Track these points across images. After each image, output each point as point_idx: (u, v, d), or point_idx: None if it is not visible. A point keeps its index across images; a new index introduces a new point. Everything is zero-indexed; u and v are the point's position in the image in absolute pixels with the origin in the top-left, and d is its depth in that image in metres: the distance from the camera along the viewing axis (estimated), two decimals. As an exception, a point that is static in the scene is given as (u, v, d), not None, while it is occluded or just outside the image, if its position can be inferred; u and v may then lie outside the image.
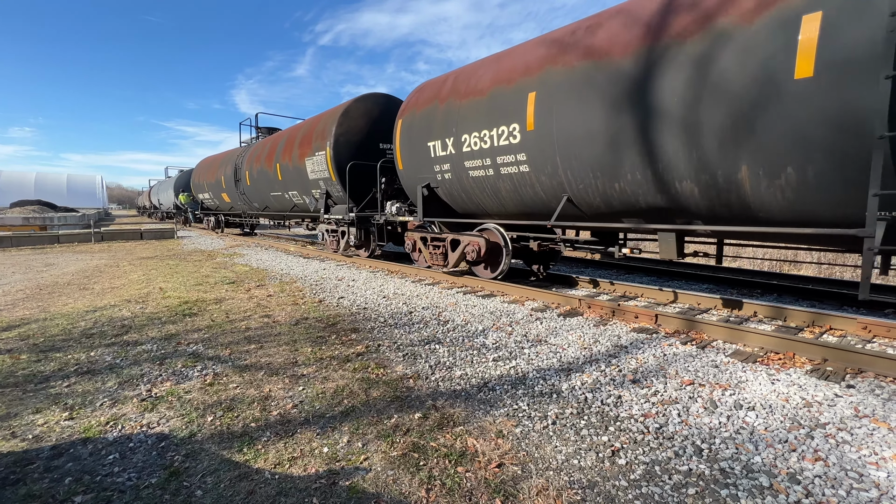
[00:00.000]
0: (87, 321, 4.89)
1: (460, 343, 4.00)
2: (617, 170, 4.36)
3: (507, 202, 5.86)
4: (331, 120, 8.74)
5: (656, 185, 4.14)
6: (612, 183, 4.48)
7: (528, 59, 5.18)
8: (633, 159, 4.18)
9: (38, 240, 14.29)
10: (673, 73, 3.75)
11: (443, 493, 1.98)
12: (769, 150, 3.34)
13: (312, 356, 3.70)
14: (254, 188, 13.02)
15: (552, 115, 4.76)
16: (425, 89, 6.99)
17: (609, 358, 3.56)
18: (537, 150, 5.02)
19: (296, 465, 2.20)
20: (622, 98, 4.12)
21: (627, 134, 4.14)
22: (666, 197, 4.16)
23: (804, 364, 3.36)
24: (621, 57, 4.14)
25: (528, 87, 5.02)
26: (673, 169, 3.95)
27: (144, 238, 16.09)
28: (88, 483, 2.09)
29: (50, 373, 3.42)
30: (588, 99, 4.42)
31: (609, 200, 4.65)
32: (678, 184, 3.98)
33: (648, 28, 3.99)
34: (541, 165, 5.06)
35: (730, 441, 2.34)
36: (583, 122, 4.50)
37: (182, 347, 3.97)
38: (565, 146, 4.71)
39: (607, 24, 4.45)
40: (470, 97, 5.82)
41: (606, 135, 4.32)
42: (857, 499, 1.89)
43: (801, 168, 3.25)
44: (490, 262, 6.58)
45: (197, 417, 2.69)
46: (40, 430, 2.57)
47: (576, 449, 2.32)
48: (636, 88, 4.01)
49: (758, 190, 3.54)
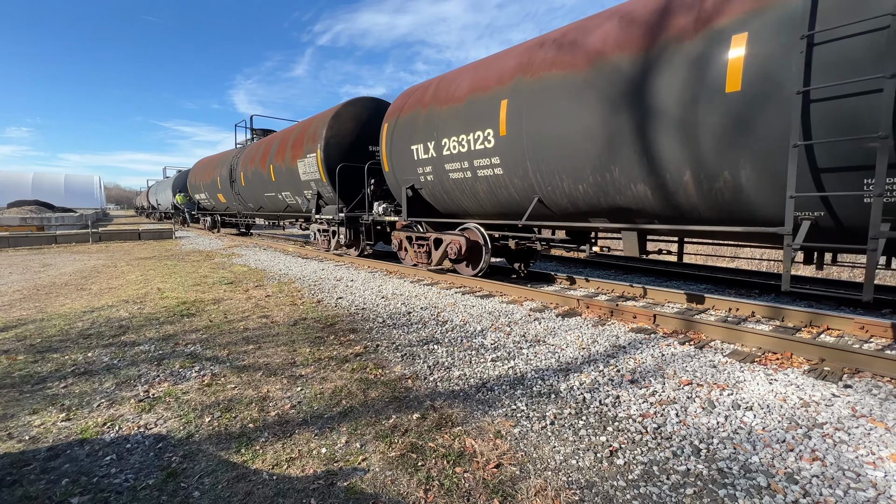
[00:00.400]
0: (85, 322, 4.87)
1: (459, 343, 4.00)
2: (579, 172, 4.67)
3: (485, 203, 6.14)
4: (321, 123, 9.00)
5: (614, 187, 4.46)
6: (576, 185, 4.80)
7: (502, 69, 5.48)
8: (592, 163, 4.50)
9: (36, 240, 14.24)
10: (626, 85, 4.07)
11: (441, 494, 1.98)
12: (707, 156, 3.66)
13: (311, 356, 3.70)
14: (248, 189, 13.31)
15: (522, 121, 5.07)
16: (410, 95, 7.27)
17: (607, 358, 3.56)
18: (510, 154, 5.31)
19: (294, 466, 2.20)
20: (582, 107, 4.45)
21: (588, 140, 4.45)
22: (623, 198, 4.48)
23: (802, 364, 3.37)
24: (582, 69, 4.47)
25: (501, 94, 5.33)
26: (627, 173, 4.26)
27: (142, 238, 16.06)
28: (85, 484, 2.08)
29: (47, 374, 3.41)
30: (553, 107, 4.73)
31: (575, 201, 4.95)
32: (633, 186, 4.30)
33: (603, 43, 4.35)
34: (513, 168, 5.35)
35: (728, 441, 2.35)
36: (549, 129, 4.79)
37: (180, 348, 3.96)
38: (534, 150, 5.01)
39: (572, 37, 4.77)
40: (449, 103, 6.12)
41: (570, 140, 4.62)
42: (855, 498, 1.89)
43: (734, 173, 3.58)
44: (471, 259, 6.83)
45: (195, 418, 2.69)
46: (37, 432, 2.56)
47: (574, 449, 2.32)
48: (593, 98, 4.34)
49: (700, 192, 3.86)
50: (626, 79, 4.08)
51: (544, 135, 4.86)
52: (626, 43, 4.12)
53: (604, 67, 4.27)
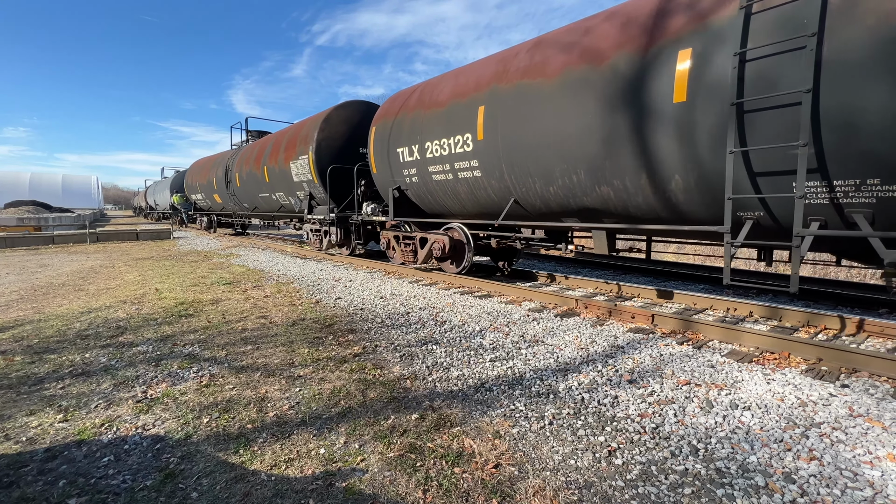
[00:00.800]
0: (82, 322, 4.86)
1: (457, 344, 4.00)
2: (550, 175, 4.95)
3: (466, 203, 6.43)
4: (313, 126, 9.25)
5: (581, 189, 4.77)
6: (547, 187, 5.08)
7: (480, 77, 5.76)
8: (561, 166, 4.79)
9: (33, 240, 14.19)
10: (589, 93, 4.37)
11: (439, 494, 1.98)
12: (660, 161, 3.96)
13: (309, 357, 3.69)
14: (243, 189, 13.54)
15: (498, 126, 5.35)
16: (396, 99, 7.56)
17: (606, 358, 3.57)
18: (487, 158, 5.60)
19: (292, 467, 2.20)
20: (549, 113, 4.74)
21: (556, 145, 4.73)
22: (590, 199, 4.78)
23: (799, 364, 3.38)
24: (550, 79, 4.75)
25: (479, 101, 5.60)
26: (592, 176, 4.57)
27: (140, 239, 16.01)
28: (83, 485, 2.08)
29: (44, 374, 3.40)
30: (525, 113, 5.01)
31: (547, 202, 5.24)
32: (598, 188, 4.60)
33: (569, 55, 4.65)
34: (490, 171, 5.64)
35: (726, 441, 2.35)
36: (521, 134, 5.07)
37: (178, 349, 3.95)
38: (509, 154, 5.30)
39: (542, 48, 5.07)
40: (432, 108, 6.40)
41: (540, 145, 4.90)
42: (852, 498, 1.90)
43: (686, 176, 3.87)
44: (455, 258, 7.10)
45: (193, 419, 2.68)
46: (34, 433, 2.55)
47: (573, 449, 2.32)
48: (561, 105, 4.63)
49: (656, 194, 4.17)
50: (588, 89, 4.37)
51: (517, 140, 5.13)
52: (590, 56, 4.42)
53: (569, 78, 4.57)
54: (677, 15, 3.80)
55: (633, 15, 4.18)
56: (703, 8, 3.64)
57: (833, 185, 3.18)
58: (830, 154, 3.11)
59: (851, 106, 2.94)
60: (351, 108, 9.42)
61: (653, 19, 3.97)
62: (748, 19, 3.33)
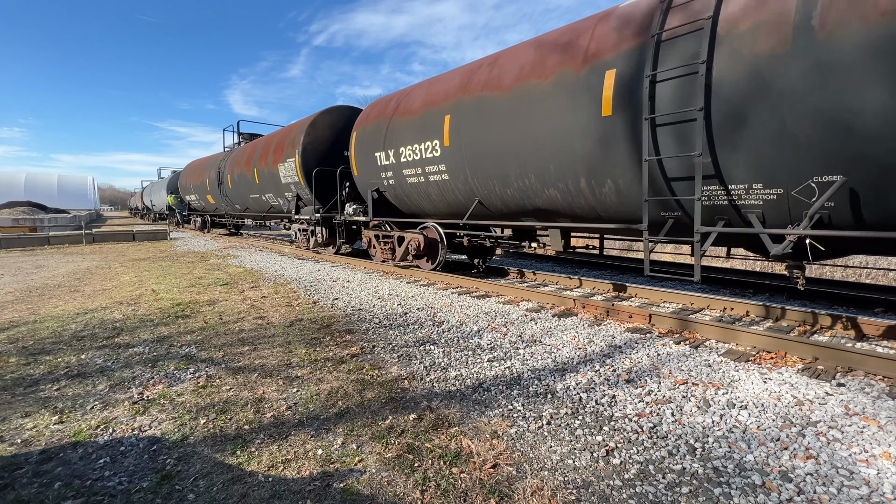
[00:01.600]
0: (78, 323, 4.83)
1: (455, 344, 3.99)
2: (507, 178, 5.43)
3: (438, 204, 6.86)
4: (300, 130, 9.66)
5: (533, 191, 5.23)
6: (504, 189, 5.55)
7: (448, 87, 6.24)
8: (515, 171, 5.26)
9: (28, 241, 14.10)
10: (537, 104, 4.85)
11: (437, 495, 1.98)
12: (595, 167, 4.44)
13: (307, 358, 3.68)
14: (235, 190, 13.97)
15: (461, 134, 5.81)
16: (376, 106, 8.01)
17: (603, 358, 3.57)
18: (453, 162, 6.06)
19: (290, 468, 2.19)
20: (504, 123, 5.22)
21: (511, 151, 5.22)
22: (541, 200, 5.24)
23: (796, 363, 3.40)
24: (506, 91, 5.22)
25: (446, 110, 6.07)
26: (541, 179, 5.03)
27: (136, 239, 15.94)
28: (78, 488, 2.06)
29: (39, 376, 3.38)
30: (484, 122, 5.51)
31: (506, 203, 5.70)
32: (546, 191, 5.08)
33: (521, 70, 5.13)
34: (456, 174, 6.10)
35: (723, 440, 2.36)
36: (482, 141, 5.56)
37: (175, 349, 3.93)
38: (471, 159, 5.78)
39: (500, 63, 5.55)
40: (407, 116, 6.85)
41: (497, 151, 5.38)
42: (848, 496, 1.90)
43: (615, 181, 4.36)
44: (430, 255, 7.48)
45: (189, 420, 2.67)
46: (29, 435, 2.53)
47: (570, 449, 2.32)
48: (514, 116, 5.09)
49: (594, 196, 4.65)
50: (536, 101, 4.85)
51: (478, 146, 5.61)
52: (539, 71, 4.89)
53: (519, 91, 5.05)
54: (608, 39, 4.31)
55: (574, 36, 4.68)
56: (627, 34, 4.15)
57: (729, 189, 3.67)
58: (723, 163, 3.61)
59: (734, 123, 3.45)
60: (336, 112, 9.86)
61: (588, 41, 4.47)
62: (658, 46, 3.85)
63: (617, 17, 4.37)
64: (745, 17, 3.37)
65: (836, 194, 3.13)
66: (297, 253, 11.24)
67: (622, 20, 4.29)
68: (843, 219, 3.23)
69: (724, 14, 3.49)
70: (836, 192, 3.10)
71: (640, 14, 4.15)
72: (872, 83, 2.79)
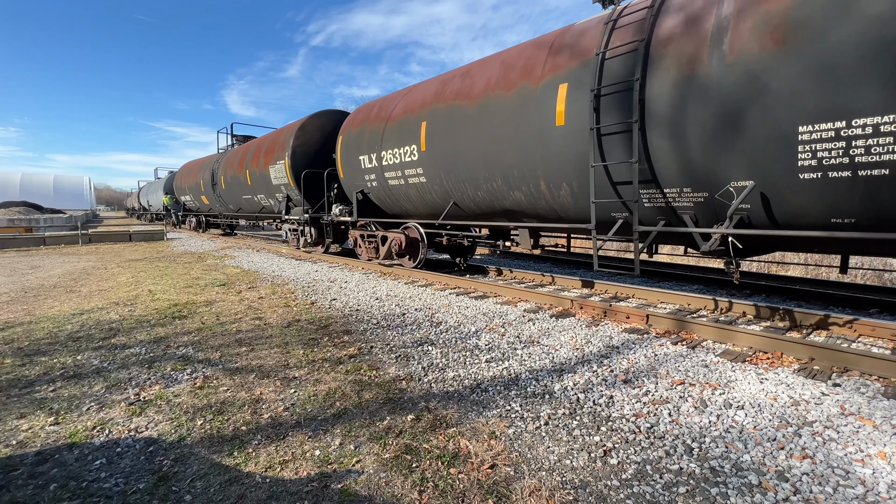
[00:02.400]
0: (74, 324, 4.81)
1: (453, 344, 3.99)
2: (476, 182, 5.81)
3: (417, 205, 7.21)
4: (289, 133, 10.05)
5: (500, 193, 5.61)
6: (475, 192, 5.94)
7: (425, 95, 6.61)
8: (484, 174, 5.64)
9: (24, 242, 14.02)
10: (502, 114, 5.23)
11: (435, 495, 1.98)
12: (553, 172, 4.81)
13: (304, 358, 3.68)
14: (228, 191, 14.34)
15: (436, 140, 6.19)
16: (360, 112, 8.36)
17: (601, 358, 3.58)
18: (429, 166, 6.43)
19: (287, 469, 2.18)
20: (474, 130, 5.61)
21: (480, 156, 5.58)
22: (508, 202, 5.61)
23: (792, 363, 3.41)
24: (475, 100, 5.64)
25: (422, 117, 6.45)
26: (507, 182, 5.41)
27: (133, 240, 15.88)
28: (74, 489, 2.05)
29: (35, 377, 3.36)
30: (456, 129, 5.88)
31: (478, 204, 6.08)
32: (512, 193, 5.45)
33: (488, 82, 5.53)
34: (432, 177, 6.47)
35: (719, 440, 2.37)
36: (454, 147, 5.92)
37: (171, 350, 3.92)
38: (445, 164, 6.14)
39: (471, 74, 5.95)
40: (388, 121, 7.22)
41: (468, 157, 5.76)
42: (844, 495, 1.92)
43: (570, 184, 4.74)
44: (412, 253, 7.77)
45: (186, 421, 2.66)
46: (24, 436, 2.51)
47: (568, 449, 2.33)
48: (482, 124, 5.50)
49: (552, 198, 5.01)
50: (501, 110, 5.25)
51: (451, 152, 5.98)
52: (503, 83, 5.31)
53: (487, 101, 5.46)
54: (562, 55, 4.72)
55: (535, 51, 5.11)
56: (578, 51, 4.57)
57: (665, 192, 4.06)
58: (658, 169, 3.98)
59: (664, 133, 3.84)
60: (324, 116, 10.18)
61: (546, 57, 4.89)
62: (602, 64, 4.23)
63: (571, 35, 4.80)
64: (671, 41, 3.78)
65: (749, 197, 3.52)
66: (295, 254, 11.22)
67: (575, 38, 4.72)
68: (760, 219, 3.60)
69: (655, 37, 3.90)
70: (748, 195, 3.50)
71: (591, 33, 4.57)
72: (761, 101, 3.25)
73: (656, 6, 4.01)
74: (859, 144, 2.94)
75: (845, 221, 3.22)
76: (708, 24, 3.56)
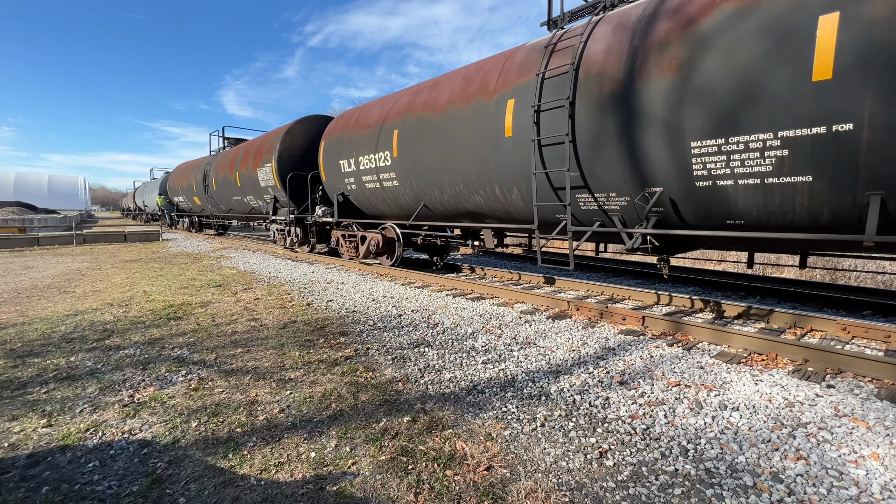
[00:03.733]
0: (68, 325, 4.77)
1: (449, 346, 3.99)
2: (442, 185, 6.33)
3: (392, 206, 7.73)
4: (276, 137, 10.53)
5: (463, 196, 6.15)
6: (442, 195, 6.45)
7: (397, 105, 7.14)
8: (448, 178, 6.16)
9: (17, 242, 13.91)
10: (462, 124, 5.76)
11: (431, 497, 1.97)
12: (505, 177, 5.37)
13: (300, 360, 3.66)
14: (219, 192, 14.85)
15: (407, 147, 6.70)
16: (341, 119, 8.90)
17: (597, 360, 3.59)
18: (400, 171, 6.95)
19: (282, 471, 2.17)
20: (439, 138, 6.12)
21: (444, 162, 6.11)
22: (471, 204, 6.15)
23: (786, 365, 3.43)
24: (440, 112, 6.16)
25: (395, 125, 6.97)
26: (468, 187, 5.94)
27: (128, 240, 15.78)
28: (67, 492, 2.03)
29: (27, 379, 3.33)
30: (423, 137, 6.41)
31: (445, 206, 6.61)
32: (472, 196, 5.99)
33: (451, 95, 6.08)
34: (404, 181, 6.99)
35: (715, 441, 2.38)
36: (423, 154, 6.44)
37: (166, 352, 3.89)
38: (414, 169, 6.66)
39: (437, 87, 6.48)
40: (365, 129, 7.77)
41: (434, 163, 6.28)
42: (838, 496, 1.93)
43: (519, 189, 5.28)
44: (389, 252, 8.32)
45: (181, 423, 2.64)
46: (16, 438, 2.49)
47: (564, 451, 2.33)
48: (446, 133, 6.01)
49: (506, 201, 5.57)
50: (461, 121, 5.75)
51: (420, 158, 6.49)
52: (463, 97, 5.83)
53: (449, 112, 5.98)
54: (511, 74, 5.27)
55: (491, 68, 5.66)
56: (524, 70, 5.08)
57: (596, 197, 4.57)
58: (589, 176, 4.50)
59: (591, 146, 4.38)
60: (310, 121, 10.63)
61: (498, 74, 5.45)
62: (542, 83, 4.73)
63: (520, 55, 5.34)
64: (595, 66, 4.30)
65: (661, 201, 4.08)
66: (291, 255, 11.19)
67: (522, 58, 5.24)
68: (672, 220, 4.18)
69: (584, 62, 4.42)
70: (659, 199, 4.06)
71: (534, 55, 5.08)
72: (663, 120, 3.80)
73: (585, 34, 4.54)
74: (735, 158, 3.50)
75: (737, 223, 3.80)
76: (623, 52, 4.10)
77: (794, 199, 3.36)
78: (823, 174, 3.14)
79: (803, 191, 3.28)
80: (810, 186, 3.24)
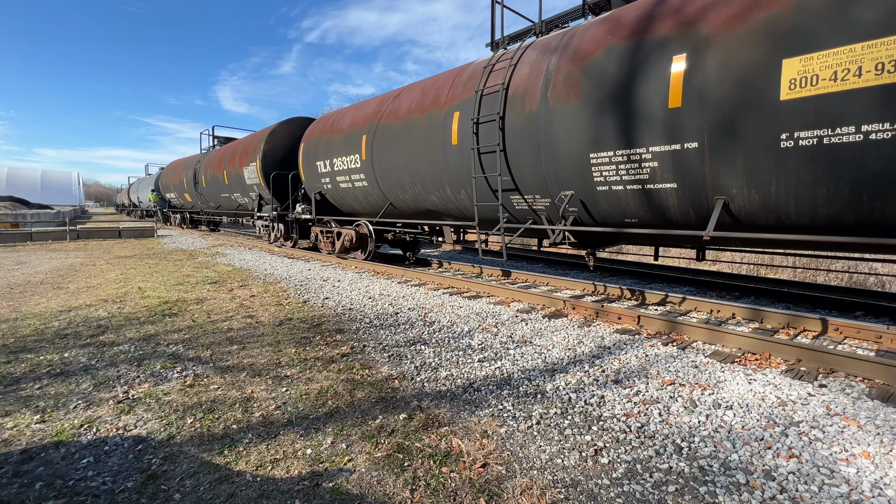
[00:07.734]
0: (61, 321, 4.73)
1: (446, 344, 4.00)
2: (404, 186, 6.96)
3: (364, 205, 8.35)
4: (261, 138, 11.10)
5: (422, 196, 6.74)
6: (404, 195, 7.09)
7: (366, 113, 7.79)
8: (408, 180, 6.78)
9: (10, 237, 13.77)
10: (418, 132, 6.37)
11: (427, 494, 1.98)
12: (454, 180, 5.98)
13: (296, 357, 3.66)
14: (209, 190, 15.53)
15: (373, 151, 7.32)
16: (319, 123, 9.53)
17: (593, 359, 3.61)
18: (368, 172, 7.58)
19: (278, 467, 2.17)
20: (400, 144, 6.73)
21: (404, 166, 6.72)
22: (429, 204, 6.75)
23: (780, 364, 3.46)
24: (401, 120, 6.76)
25: (364, 131, 7.60)
26: (425, 188, 6.56)
27: (123, 236, 15.66)
28: (60, 488, 2.02)
29: (21, 374, 3.30)
30: (387, 142, 7.02)
31: (408, 205, 7.21)
32: (430, 196, 6.62)
33: (410, 106, 6.67)
34: (373, 182, 7.61)
35: (708, 439, 2.40)
36: (387, 158, 7.06)
37: (161, 348, 3.87)
38: (380, 171, 7.29)
39: (401, 97, 7.06)
40: (338, 133, 8.39)
41: (396, 164, 6.88)
42: (829, 494, 1.95)
43: (466, 190, 5.90)
44: (362, 247, 8.97)
45: (176, 420, 2.63)
46: (10, 434, 2.47)
47: (559, 448, 2.34)
48: (405, 139, 6.63)
49: (456, 201, 6.21)
50: (417, 129, 6.37)
51: (385, 161, 7.11)
52: (419, 108, 6.45)
53: (408, 121, 6.60)
54: (457, 89, 5.90)
55: (444, 82, 6.27)
56: (469, 87, 5.70)
57: (525, 198, 5.20)
58: (518, 180, 5.12)
59: (517, 154, 5.01)
60: (294, 123, 11.21)
61: (448, 89, 6.07)
62: (481, 99, 5.36)
63: (467, 73, 5.99)
64: (520, 86, 4.94)
65: (574, 202, 4.70)
66: (287, 252, 11.15)
67: (468, 76, 5.87)
68: (586, 219, 4.78)
69: (512, 82, 5.06)
70: (571, 200, 4.69)
71: (477, 73, 5.71)
72: (569, 134, 4.43)
73: (516, 58, 5.19)
74: (622, 168, 4.13)
75: (632, 221, 4.43)
76: (540, 75, 4.74)
77: (668, 201, 4.02)
78: (684, 182, 3.82)
79: (672, 195, 3.95)
80: (676, 192, 3.91)
